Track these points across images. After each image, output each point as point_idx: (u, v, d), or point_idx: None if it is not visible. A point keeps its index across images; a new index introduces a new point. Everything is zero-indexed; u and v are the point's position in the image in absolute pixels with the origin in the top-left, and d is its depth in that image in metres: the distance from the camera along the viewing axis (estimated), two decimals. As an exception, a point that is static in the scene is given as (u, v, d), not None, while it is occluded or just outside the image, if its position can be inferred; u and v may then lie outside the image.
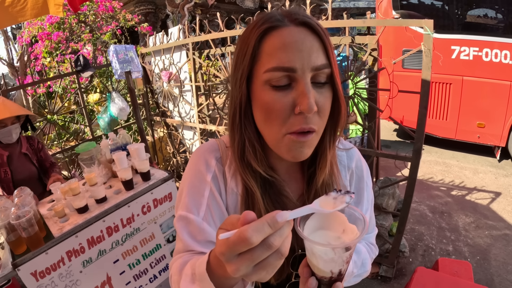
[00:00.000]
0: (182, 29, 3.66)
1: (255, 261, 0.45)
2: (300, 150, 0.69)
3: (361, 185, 0.93)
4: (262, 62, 0.67)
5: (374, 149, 2.64)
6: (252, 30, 0.70)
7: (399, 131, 6.78)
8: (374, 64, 2.53)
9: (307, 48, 0.65)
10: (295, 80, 0.65)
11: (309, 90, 0.64)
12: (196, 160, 0.84)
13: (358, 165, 0.93)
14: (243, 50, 0.71)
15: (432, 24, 2.15)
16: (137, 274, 2.35)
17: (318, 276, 0.62)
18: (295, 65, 0.64)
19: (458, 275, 2.21)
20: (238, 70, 0.72)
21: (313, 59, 0.65)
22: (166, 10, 9.27)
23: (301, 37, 0.66)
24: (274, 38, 0.67)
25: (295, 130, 0.66)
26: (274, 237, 0.45)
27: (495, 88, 4.61)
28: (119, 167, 2.19)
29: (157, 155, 4.99)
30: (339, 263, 0.58)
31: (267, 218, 0.45)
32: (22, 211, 1.74)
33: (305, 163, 0.84)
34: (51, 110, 3.98)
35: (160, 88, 4.32)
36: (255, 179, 0.77)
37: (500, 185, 4.38)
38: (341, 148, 0.90)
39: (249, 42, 0.69)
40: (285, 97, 0.66)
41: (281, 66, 0.64)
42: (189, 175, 0.83)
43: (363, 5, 15.05)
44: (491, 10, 4.77)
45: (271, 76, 0.65)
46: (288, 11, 0.70)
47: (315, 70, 0.66)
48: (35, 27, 5.86)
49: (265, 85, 0.67)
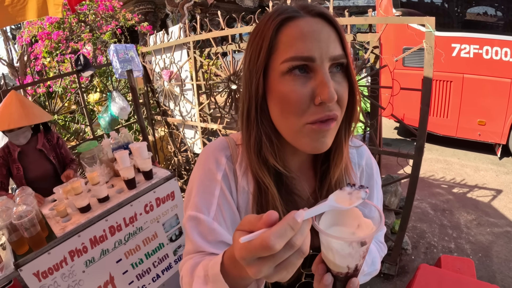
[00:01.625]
0: (183, 28, 3.65)
1: (277, 262, 0.45)
2: (322, 140, 0.67)
3: (371, 183, 0.92)
4: (279, 53, 0.66)
5: (377, 146, 2.64)
6: (267, 22, 0.69)
7: (400, 129, 6.78)
8: (376, 61, 2.53)
9: (325, 38, 0.65)
10: (314, 70, 0.65)
11: (328, 79, 0.63)
12: (205, 159, 0.83)
13: (368, 163, 0.92)
14: (258, 43, 0.70)
15: (433, 21, 2.15)
16: (140, 274, 2.34)
17: (334, 272, 0.61)
18: (313, 54, 0.63)
19: (461, 272, 2.21)
20: (253, 64, 0.71)
21: (331, 49, 0.65)
22: (165, 9, 9.25)
23: (319, 27, 0.65)
24: (291, 28, 0.66)
25: (317, 119, 0.65)
26: (296, 237, 0.45)
27: (495, 86, 4.60)
28: (121, 166, 2.19)
29: (158, 154, 4.99)
30: (356, 258, 0.57)
31: (288, 220, 0.44)
32: (24, 211, 1.74)
33: (318, 160, 0.83)
34: (52, 110, 3.98)
35: (161, 87, 4.32)
36: (270, 175, 0.76)
37: (501, 183, 4.38)
38: (351, 146, 0.89)
39: (264, 34, 0.68)
40: (305, 87, 0.65)
41: (299, 56, 0.63)
42: (198, 174, 0.81)
43: (362, 3, 15.05)
44: (491, 8, 4.76)
45: (290, 65, 0.65)
46: (303, 4, 0.69)
47: (332, 60, 0.65)
48: (35, 26, 5.85)
49: (283, 76, 0.66)
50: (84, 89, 4.73)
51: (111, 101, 3.89)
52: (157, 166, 2.65)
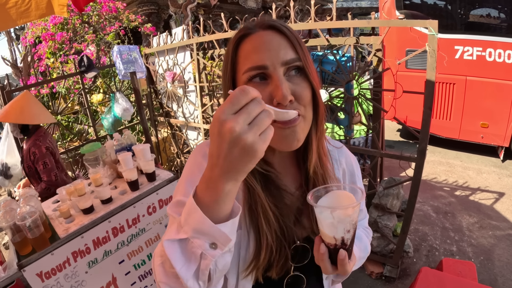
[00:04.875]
0: (186, 30, 3.66)
1: (250, 114, 0.51)
2: (291, 136, 0.73)
3: (354, 179, 1.01)
4: (240, 66, 0.77)
5: (379, 149, 2.65)
6: (230, 42, 0.80)
7: (402, 131, 6.77)
8: (378, 64, 2.53)
9: (275, 46, 0.73)
10: (269, 76, 0.73)
11: (282, 82, 0.70)
12: (195, 154, 0.88)
13: (348, 161, 1.00)
14: (226, 60, 0.81)
15: (436, 24, 2.15)
16: (142, 275, 2.35)
17: (326, 242, 0.72)
18: (265, 63, 0.72)
19: (462, 275, 2.21)
20: (224, 78, 0.82)
21: (282, 55, 0.73)
22: (169, 10, 9.26)
23: (269, 38, 0.74)
24: (246, 43, 0.76)
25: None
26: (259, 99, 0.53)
27: (498, 88, 4.59)
28: (125, 168, 2.20)
29: (161, 156, 5.00)
30: (340, 230, 0.68)
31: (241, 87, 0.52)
32: (28, 212, 1.75)
33: (299, 156, 0.89)
34: (55, 110, 3.99)
35: (164, 89, 4.33)
36: (254, 176, 0.81)
37: (503, 185, 4.37)
38: (332, 146, 0.99)
39: (228, 53, 0.79)
40: (263, 91, 0.72)
41: (254, 66, 0.72)
42: (188, 167, 0.86)
43: (365, 5, 15.04)
44: (494, 10, 4.75)
45: (248, 76, 0.74)
46: (259, 20, 0.80)
47: (285, 64, 0.73)
48: (39, 27, 5.88)
49: (246, 84, 0.74)
50: (88, 90, 4.75)
51: (114, 102, 3.91)
52: (160, 168, 2.66)
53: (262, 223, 0.78)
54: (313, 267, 0.87)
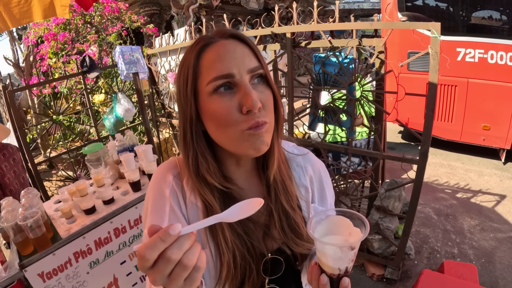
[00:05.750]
0: (188, 31, 3.67)
1: (164, 273, 0.50)
2: (260, 140, 0.74)
3: (322, 186, 0.99)
4: (203, 77, 0.74)
5: (381, 151, 2.64)
6: (189, 53, 0.77)
7: (404, 133, 6.76)
8: (381, 66, 2.53)
9: (240, 54, 0.74)
10: (236, 85, 0.73)
11: (250, 89, 0.71)
12: (155, 179, 0.87)
13: (315, 168, 0.99)
14: (184, 72, 0.77)
15: (439, 27, 2.15)
16: (144, 276, 2.35)
17: (328, 273, 0.71)
18: (232, 71, 0.72)
19: (464, 277, 2.21)
20: (183, 91, 0.78)
21: (247, 62, 0.74)
22: (171, 11, 9.27)
23: (232, 46, 0.74)
24: (209, 53, 0.74)
25: (249, 126, 0.72)
26: (171, 251, 0.49)
27: (500, 91, 4.59)
28: (127, 169, 2.20)
29: (162, 156, 5.00)
30: (345, 261, 0.68)
31: (160, 233, 0.49)
32: (30, 212, 1.75)
33: (259, 166, 0.89)
34: (57, 110, 4.00)
35: (166, 90, 4.33)
36: (212, 193, 0.81)
37: (505, 188, 4.37)
38: (297, 154, 0.98)
39: (188, 63, 0.76)
40: (231, 101, 0.72)
41: (220, 75, 0.71)
42: (151, 193, 0.86)
43: (367, 7, 15.04)
44: (496, 12, 4.75)
45: (214, 85, 0.72)
46: (217, 30, 0.79)
47: (251, 72, 0.74)
48: (41, 27, 5.89)
49: (211, 96, 0.73)
50: (89, 90, 4.75)
51: (116, 102, 3.91)
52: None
53: (221, 242, 0.78)
54: (290, 277, 0.89)
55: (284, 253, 0.86)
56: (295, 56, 2.94)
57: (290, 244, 0.85)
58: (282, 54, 3.04)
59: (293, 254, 0.88)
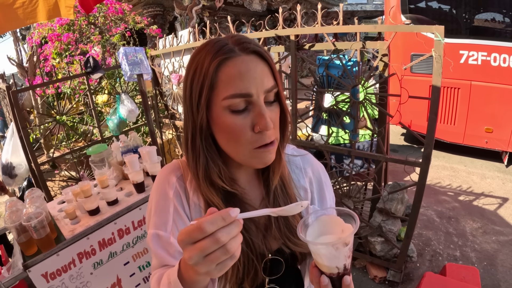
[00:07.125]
0: (192, 32, 3.68)
1: (205, 251, 0.52)
2: (269, 156, 0.78)
3: (321, 186, 1.00)
4: (219, 90, 0.74)
5: (384, 154, 2.64)
6: (206, 60, 0.75)
7: (406, 135, 6.76)
8: (384, 69, 2.54)
9: (259, 74, 0.74)
10: (252, 104, 0.74)
11: (265, 111, 0.73)
12: (159, 181, 0.90)
13: (315, 169, 1.01)
14: (199, 80, 0.76)
15: (443, 30, 2.15)
16: (147, 276, 2.36)
17: (327, 273, 0.71)
18: (251, 91, 0.72)
19: (466, 280, 2.21)
20: (195, 99, 0.77)
21: (265, 83, 0.74)
22: (174, 12, 9.28)
23: (253, 65, 0.74)
24: (229, 67, 0.73)
25: (260, 145, 0.75)
26: (222, 233, 0.52)
27: (503, 93, 4.59)
28: (131, 170, 2.21)
29: (165, 158, 5.01)
30: (341, 258, 0.68)
31: (222, 212, 0.53)
32: (34, 212, 1.76)
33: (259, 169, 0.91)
34: (60, 111, 4.01)
35: (169, 91, 4.34)
36: (218, 195, 0.83)
37: (507, 191, 4.36)
38: (296, 155, 1.00)
39: (206, 72, 0.74)
40: (245, 119, 0.74)
41: (239, 93, 0.72)
42: (154, 195, 0.89)
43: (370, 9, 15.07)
44: (499, 14, 4.75)
45: (231, 102, 0.73)
46: (237, 40, 0.76)
47: (267, 92, 0.74)
48: (45, 28, 5.91)
49: (225, 110, 0.74)
50: (93, 90, 4.77)
51: (119, 103, 3.92)
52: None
53: None
54: (290, 277, 0.90)
55: (284, 253, 0.88)
56: (298, 58, 2.94)
57: (289, 245, 0.87)
58: (286, 57, 3.05)
59: (294, 254, 0.90)
